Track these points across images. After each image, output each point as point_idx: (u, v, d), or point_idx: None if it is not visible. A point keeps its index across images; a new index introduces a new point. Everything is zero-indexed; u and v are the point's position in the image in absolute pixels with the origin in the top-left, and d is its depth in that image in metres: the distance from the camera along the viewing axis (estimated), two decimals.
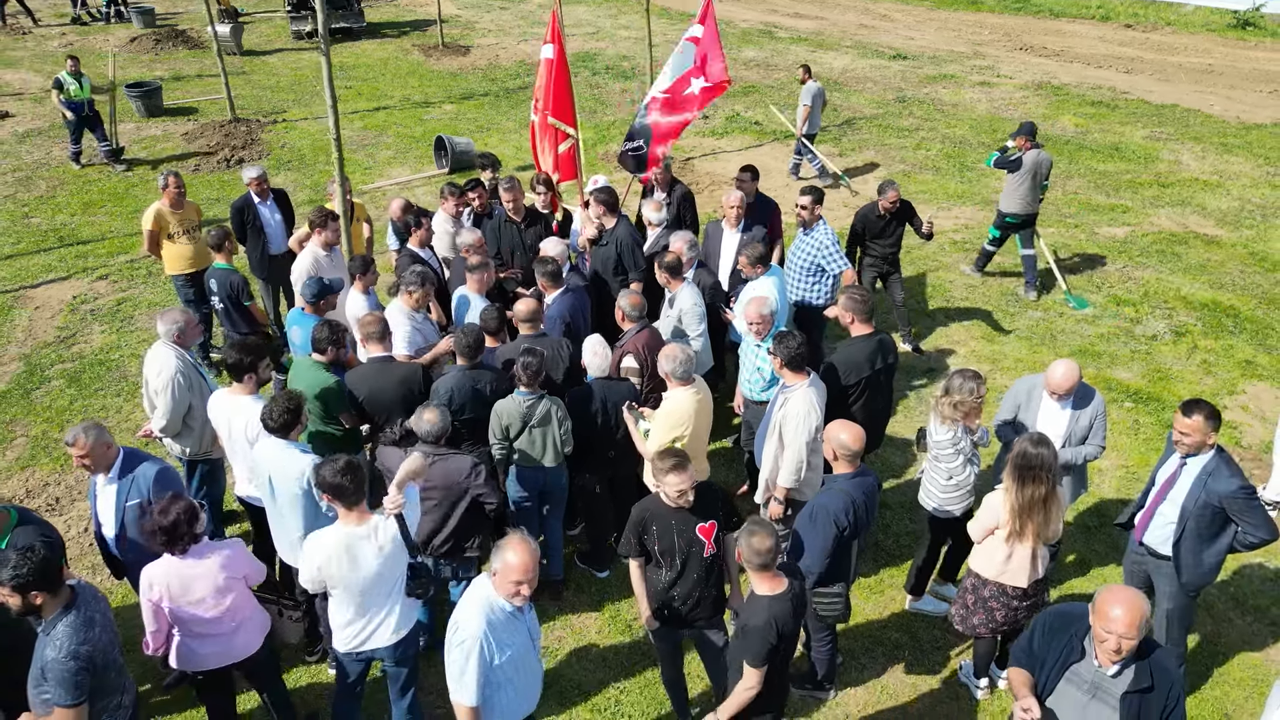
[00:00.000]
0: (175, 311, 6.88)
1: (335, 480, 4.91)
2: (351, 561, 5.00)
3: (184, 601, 5.01)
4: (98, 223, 13.42)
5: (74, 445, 5.42)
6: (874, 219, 9.76)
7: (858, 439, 5.45)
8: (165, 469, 5.68)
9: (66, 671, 4.35)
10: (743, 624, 4.74)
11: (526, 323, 6.81)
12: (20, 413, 9.13)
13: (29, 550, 4.36)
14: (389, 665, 5.41)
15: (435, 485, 5.80)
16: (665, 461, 5.09)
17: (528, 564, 4.29)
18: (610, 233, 8.36)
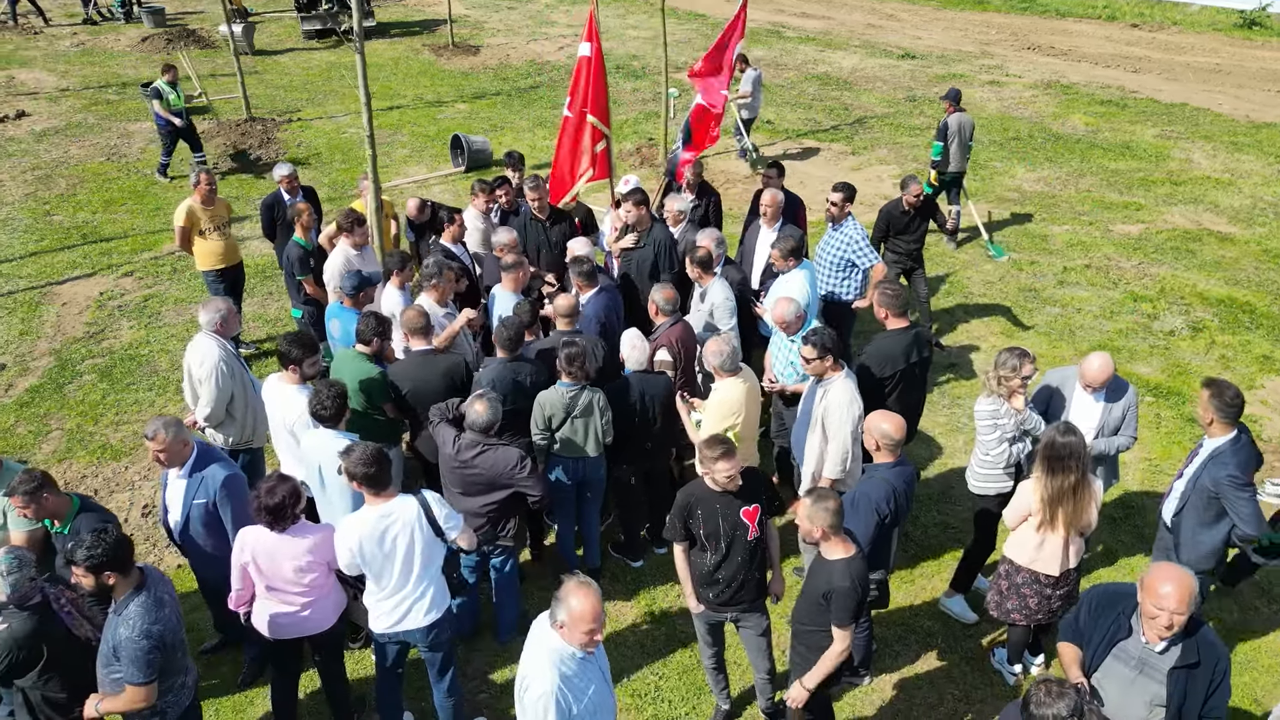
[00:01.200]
0: (217, 301, 6.99)
1: (361, 469, 5.05)
2: (382, 543, 5.14)
3: (271, 572, 5.18)
4: (119, 220, 13.52)
5: (153, 439, 5.53)
6: (899, 215, 9.86)
7: (900, 428, 5.56)
8: (234, 475, 5.77)
9: (139, 650, 4.47)
10: (823, 591, 4.85)
11: (565, 318, 6.92)
12: (54, 406, 9.24)
13: (102, 532, 4.48)
14: (423, 649, 5.53)
15: (481, 475, 5.90)
16: (714, 449, 5.20)
17: (596, 609, 4.08)
18: (648, 234, 8.45)
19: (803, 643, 5.14)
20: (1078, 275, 11.91)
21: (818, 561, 5.00)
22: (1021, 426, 6.29)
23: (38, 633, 4.75)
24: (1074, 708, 3.65)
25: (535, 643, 4.31)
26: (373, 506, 5.20)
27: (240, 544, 5.24)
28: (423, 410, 6.72)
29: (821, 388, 6.28)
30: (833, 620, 4.85)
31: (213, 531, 5.78)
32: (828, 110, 19.21)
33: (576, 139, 9.30)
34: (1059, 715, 3.66)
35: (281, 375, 6.43)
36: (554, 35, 25.80)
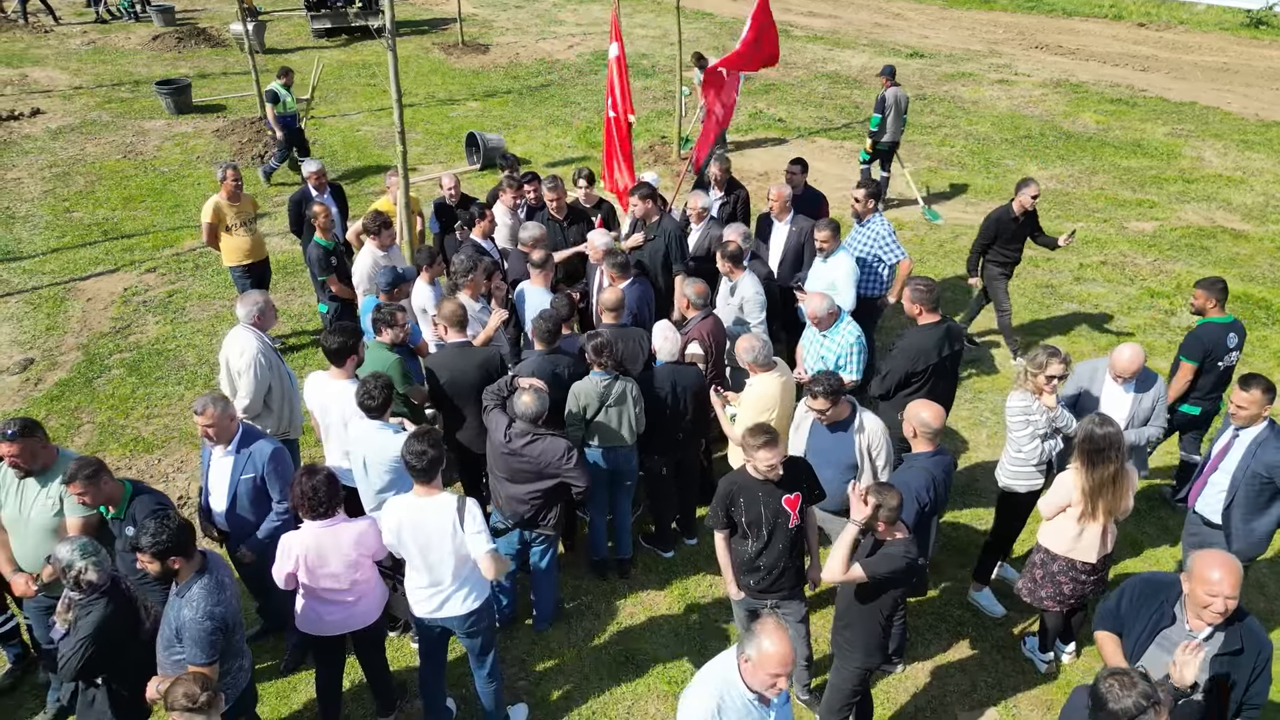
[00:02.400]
0: (255, 294, 7.07)
1: (410, 458, 5.16)
2: (421, 531, 5.23)
3: (320, 572, 5.23)
4: (139, 217, 13.60)
5: (201, 414, 5.64)
6: (1009, 221, 9.43)
7: (938, 417, 5.66)
8: (279, 449, 5.89)
9: (203, 631, 4.56)
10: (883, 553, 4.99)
11: (611, 312, 6.99)
12: (84, 400, 9.32)
13: (166, 518, 4.56)
14: (462, 636, 5.61)
15: (529, 464, 5.98)
16: (757, 438, 5.28)
17: (787, 655, 3.87)
18: (658, 226, 8.55)
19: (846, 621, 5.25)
20: (1094, 272, 12.00)
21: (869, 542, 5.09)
22: (1054, 424, 6.35)
23: (117, 617, 4.84)
24: (1149, 694, 3.69)
25: (718, 662, 4.22)
26: (415, 496, 5.29)
27: (285, 549, 5.29)
28: (459, 401, 6.81)
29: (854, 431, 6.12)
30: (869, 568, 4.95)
31: (258, 510, 5.88)
32: (838, 108, 19.30)
33: (624, 137, 9.42)
34: (1138, 705, 3.68)
35: (331, 372, 6.48)
36: (563, 34, 25.89)
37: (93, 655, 4.74)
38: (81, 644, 4.72)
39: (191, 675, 4.03)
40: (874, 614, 5.07)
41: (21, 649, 6.42)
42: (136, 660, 4.92)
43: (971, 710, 6.17)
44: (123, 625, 4.86)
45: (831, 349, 7.09)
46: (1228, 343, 7.37)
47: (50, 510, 5.47)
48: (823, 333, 7.13)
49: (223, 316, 10.90)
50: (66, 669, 4.76)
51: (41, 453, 5.46)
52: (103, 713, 5.02)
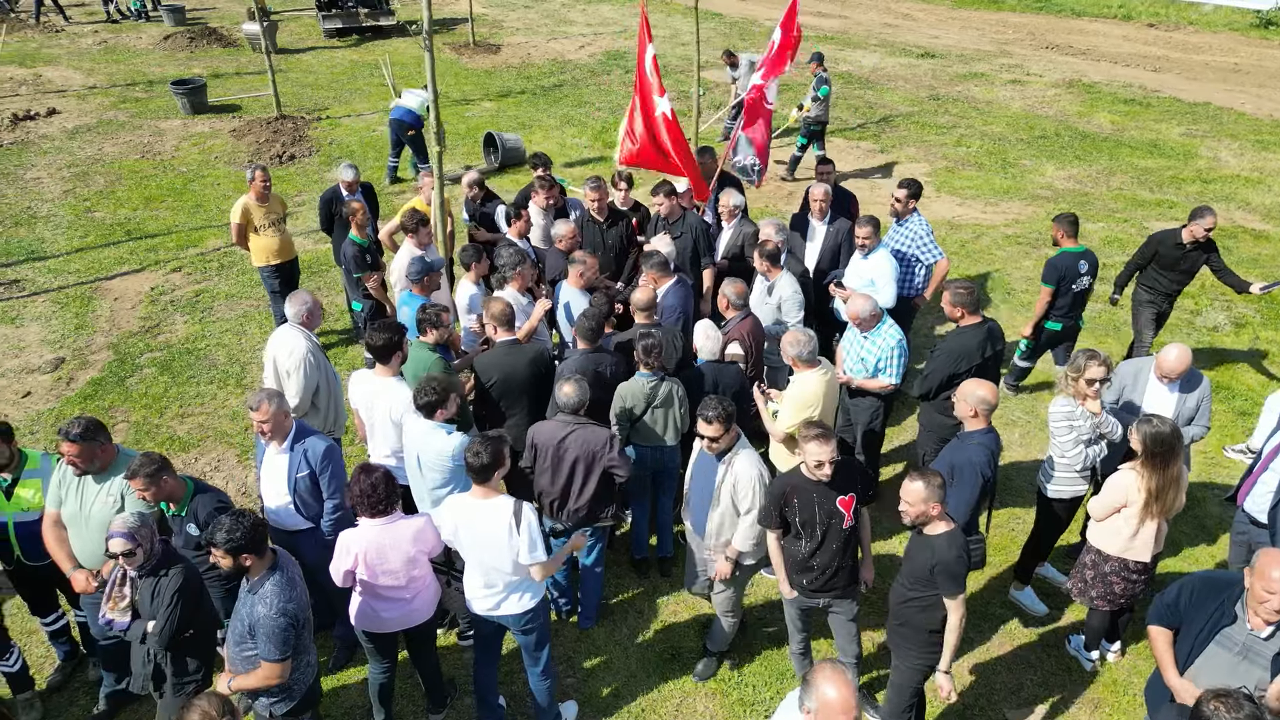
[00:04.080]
0: (303, 294, 7.10)
1: (470, 458, 5.21)
2: (477, 532, 5.27)
3: (379, 570, 5.26)
4: (161, 217, 13.62)
5: (256, 410, 5.67)
6: (1172, 246, 8.80)
7: (995, 393, 5.87)
8: (332, 446, 5.92)
9: (276, 628, 4.59)
10: (931, 565, 4.99)
11: (643, 311, 7.02)
12: (118, 399, 9.34)
13: (241, 516, 4.59)
14: (517, 634, 5.65)
15: (573, 453, 6.02)
16: (811, 430, 5.32)
17: (849, 701, 3.68)
18: (682, 223, 8.58)
19: (901, 620, 5.29)
20: (1116, 272, 11.95)
21: (918, 540, 5.15)
22: (1098, 429, 6.35)
23: (191, 580, 4.96)
24: (1257, 716, 3.67)
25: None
26: (473, 497, 5.33)
27: (344, 547, 5.31)
28: (508, 400, 6.83)
29: (724, 463, 5.81)
30: (944, 592, 5.01)
31: (312, 507, 5.92)
32: (852, 109, 19.33)
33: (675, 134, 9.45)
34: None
35: (376, 369, 6.51)
36: (573, 34, 25.92)
37: (180, 618, 4.85)
38: (169, 611, 4.83)
39: (209, 694, 4.04)
40: (933, 610, 5.10)
41: (71, 646, 6.45)
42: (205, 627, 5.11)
43: (1020, 708, 6.20)
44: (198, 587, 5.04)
45: (872, 351, 7.11)
46: (1079, 269, 8.40)
47: (111, 508, 5.49)
48: (864, 334, 7.15)
49: (250, 316, 10.92)
50: (161, 638, 4.86)
51: (101, 453, 5.49)
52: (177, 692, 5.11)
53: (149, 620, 5.00)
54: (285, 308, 7.04)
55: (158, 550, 4.94)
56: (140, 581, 4.99)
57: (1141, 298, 9.14)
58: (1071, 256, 8.42)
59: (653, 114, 10.15)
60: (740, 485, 5.72)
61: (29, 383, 9.62)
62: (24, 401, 9.32)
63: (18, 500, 5.62)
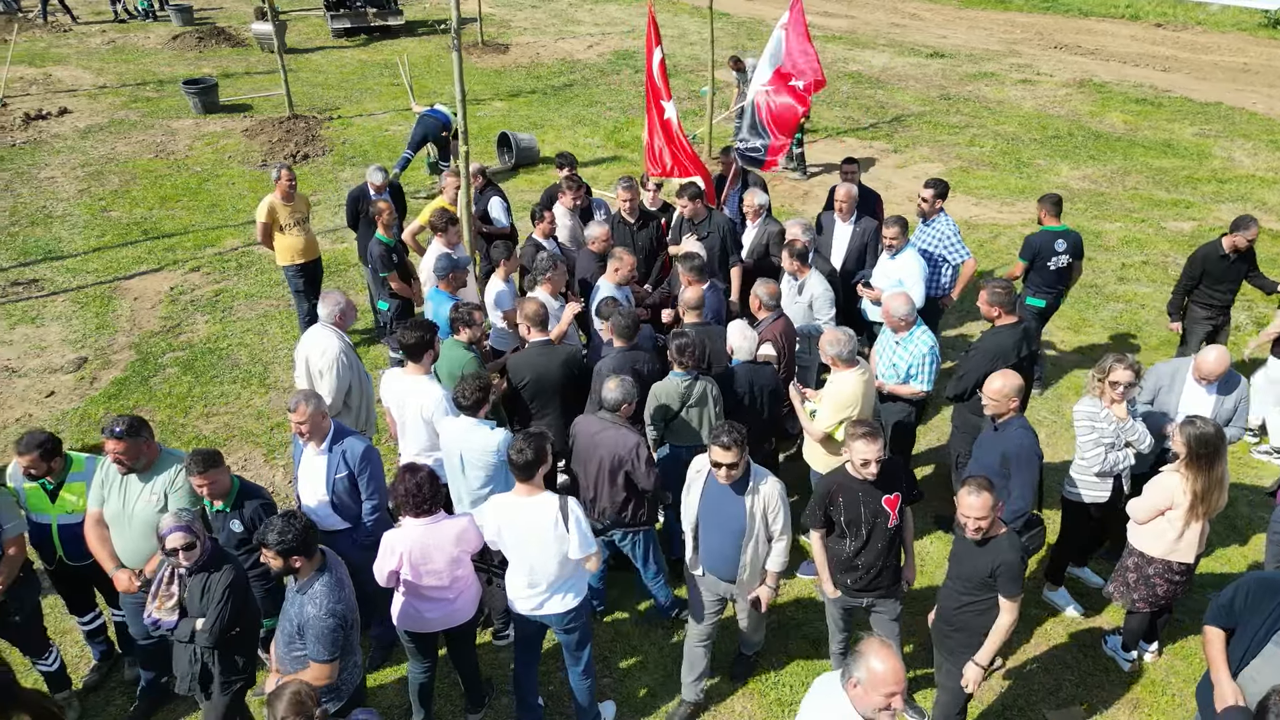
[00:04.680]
0: (336, 294, 7.10)
1: (513, 455, 5.21)
2: (522, 530, 5.27)
3: (423, 570, 5.25)
4: (177, 216, 13.60)
5: (295, 411, 5.68)
6: (1217, 259, 8.62)
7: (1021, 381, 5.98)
8: (371, 447, 5.93)
9: (326, 628, 4.59)
10: (992, 567, 4.97)
11: (694, 310, 6.98)
12: (142, 399, 9.33)
13: (292, 518, 4.59)
14: (559, 633, 5.65)
15: (602, 451, 6.01)
16: (859, 428, 5.31)
17: (899, 672, 3.75)
18: (709, 223, 8.57)
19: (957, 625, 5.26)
20: (1137, 272, 12.03)
21: (971, 544, 5.11)
22: (1124, 436, 6.30)
23: (240, 577, 4.98)
24: None
25: (821, 700, 4.06)
26: (517, 495, 5.33)
27: (388, 547, 5.30)
28: (540, 400, 6.82)
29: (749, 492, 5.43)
30: (1004, 593, 4.99)
31: (350, 508, 5.92)
32: (864, 109, 19.33)
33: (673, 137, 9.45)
34: None
35: (408, 368, 6.50)
36: (581, 34, 25.92)
37: (231, 615, 4.87)
38: (220, 607, 4.84)
39: (300, 683, 4.04)
40: (990, 614, 5.08)
41: (107, 646, 6.44)
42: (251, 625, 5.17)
43: (1059, 708, 6.20)
44: (246, 584, 5.06)
45: (904, 357, 7.04)
46: (1055, 247, 8.60)
47: (154, 506, 5.49)
48: (897, 339, 7.11)
49: (271, 316, 10.91)
50: (212, 634, 4.87)
51: (145, 451, 5.48)
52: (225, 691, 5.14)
53: (197, 618, 4.99)
54: (318, 307, 7.05)
55: (208, 547, 4.94)
56: (189, 579, 4.98)
57: (1197, 315, 8.87)
58: (1049, 235, 8.66)
59: (662, 117, 10.17)
60: (771, 508, 5.45)
61: (52, 382, 9.61)
62: (48, 401, 9.31)
63: (62, 503, 5.62)
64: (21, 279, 11.70)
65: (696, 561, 5.78)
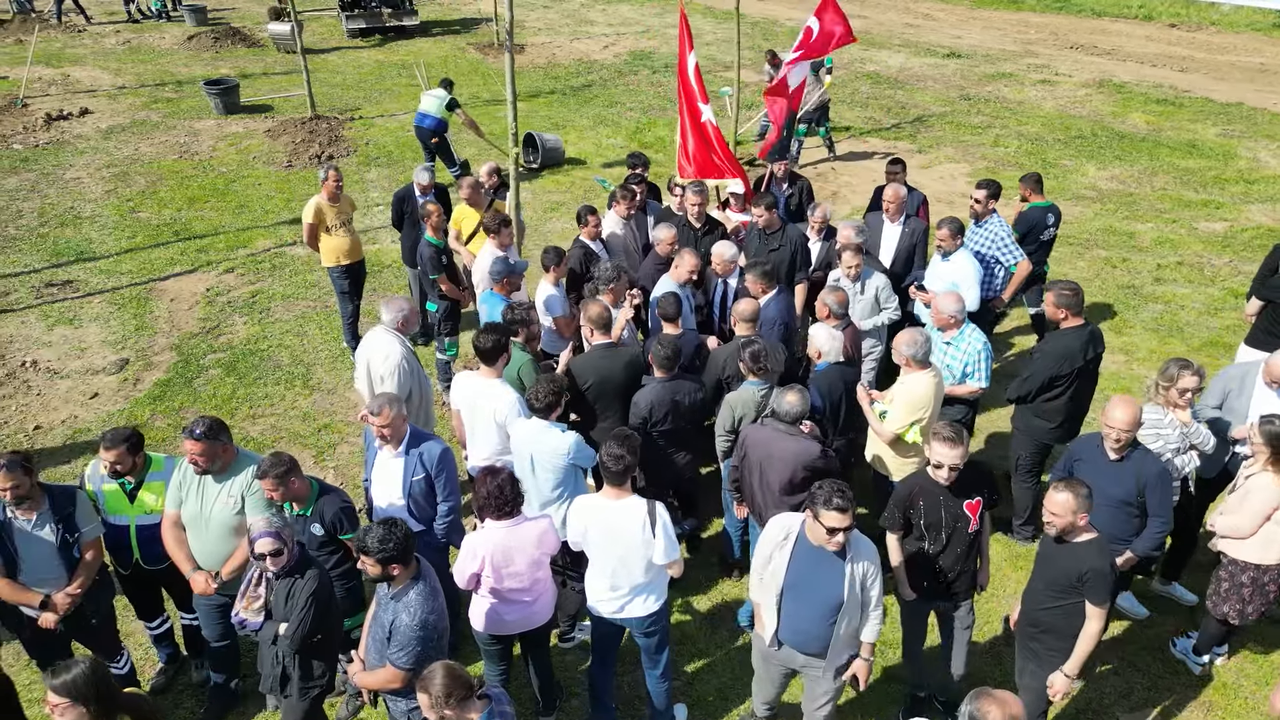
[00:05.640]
0: (400, 300, 7.08)
1: (608, 460, 5.19)
2: (609, 532, 5.26)
3: (505, 572, 5.23)
4: (207, 217, 13.57)
5: (378, 415, 5.67)
6: None
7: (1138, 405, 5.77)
8: (448, 449, 5.91)
9: (415, 638, 4.58)
10: (1079, 573, 4.93)
11: (747, 323, 6.88)
12: (187, 400, 9.30)
13: (393, 525, 4.56)
14: (639, 636, 5.62)
15: (780, 461, 5.94)
16: (942, 431, 5.28)
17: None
18: (782, 235, 8.51)
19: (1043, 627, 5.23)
20: (1173, 272, 12.02)
21: (1058, 548, 5.08)
22: (1188, 439, 6.25)
23: (325, 584, 4.98)
24: None
25: None
26: (606, 497, 5.31)
27: (470, 550, 5.28)
28: (603, 402, 6.79)
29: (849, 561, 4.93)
30: (1091, 600, 4.96)
31: (425, 511, 5.90)
32: (884, 109, 19.32)
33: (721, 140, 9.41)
34: None
35: (481, 371, 6.47)
36: (595, 34, 25.90)
37: (313, 622, 4.85)
38: (303, 614, 4.82)
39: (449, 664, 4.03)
40: (1076, 617, 5.06)
41: (173, 649, 6.42)
42: (332, 632, 5.16)
43: (1132, 711, 6.18)
44: (330, 592, 5.05)
45: (957, 357, 7.01)
46: (1046, 220, 9.27)
47: (231, 509, 5.47)
48: (946, 339, 7.06)
49: (309, 317, 10.89)
50: (294, 641, 4.85)
51: (222, 453, 5.46)
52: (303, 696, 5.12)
53: (281, 622, 4.98)
54: (381, 311, 7.03)
55: (295, 553, 4.92)
56: (276, 583, 4.97)
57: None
58: (1040, 210, 9.30)
59: (699, 120, 10.15)
60: (870, 575, 4.98)
61: (95, 384, 9.58)
62: (92, 403, 9.28)
63: (141, 503, 5.60)
64: (56, 280, 11.67)
65: (774, 636, 5.21)
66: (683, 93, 10.24)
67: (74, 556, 5.39)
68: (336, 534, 5.57)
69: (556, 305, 7.97)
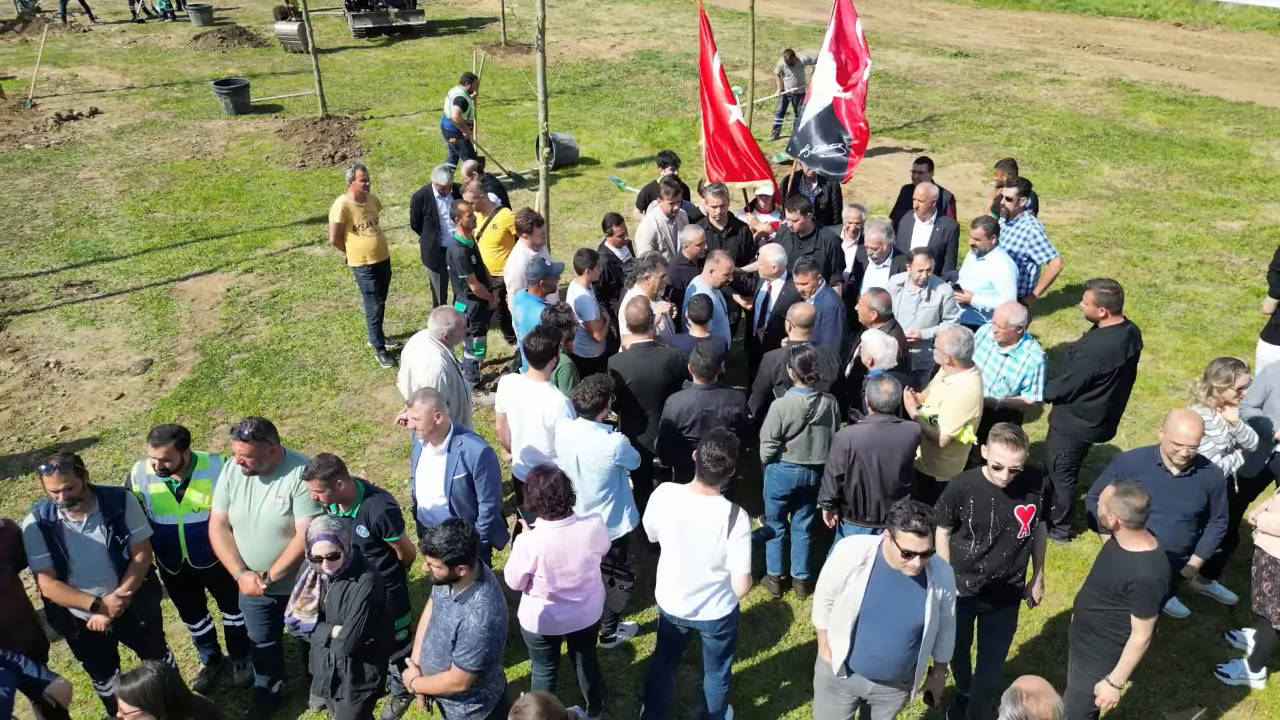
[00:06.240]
0: (448, 312, 7.06)
1: (706, 463, 5.15)
2: (690, 527, 5.23)
3: (557, 572, 5.21)
4: (223, 218, 13.53)
5: (411, 409, 5.71)
6: None
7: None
8: (489, 449, 5.89)
9: (482, 639, 4.56)
10: (1125, 581, 4.90)
11: (802, 328, 6.82)
12: (214, 401, 9.26)
13: (459, 526, 4.53)
14: (708, 638, 5.59)
15: (891, 449, 5.99)
16: (1004, 433, 5.25)
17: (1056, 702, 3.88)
18: (816, 239, 8.48)
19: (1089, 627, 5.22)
20: (1193, 271, 12.03)
21: (1114, 551, 5.07)
22: (1234, 439, 6.24)
23: (379, 587, 4.95)
24: None
25: None
26: (694, 490, 5.28)
27: (523, 551, 5.26)
28: (643, 401, 6.76)
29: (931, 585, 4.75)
30: (1136, 612, 4.91)
31: (466, 509, 5.88)
32: (895, 108, 19.32)
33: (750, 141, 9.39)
34: None
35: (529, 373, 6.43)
36: (602, 34, 25.87)
37: (367, 626, 4.83)
38: (357, 618, 4.80)
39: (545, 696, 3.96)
40: (1123, 624, 5.03)
41: (215, 650, 6.40)
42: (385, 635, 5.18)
43: (1178, 711, 6.17)
44: (383, 595, 5.02)
45: (1015, 370, 6.91)
46: None
47: (280, 509, 5.44)
48: (1005, 351, 6.96)
49: (331, 317, 10.85)
50: (347, 644, 4.83)
51: (270, 454, 5.43)
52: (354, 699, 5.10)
53: (334, 625, 4.95)
54: (430, 321, 6.99)
55: (351, 556, 4.89)
56: (330, 585, 4.94)
57: None
58: None
59: (725, 122, 10.08)
60: (949, 599, 4.82)
61: (120, 385, 9.54)
62: (119, 404, 9.24)
63: (188, 502, 5.57)
64: (74, 280, 11.62)
65: (843, 664, 4.98)
66: (707, 95, 10.16)
67: (124, 558, 5.36)
68: (382, 536, 5.54)
69: (589, 308, 7.92)
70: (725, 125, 9.89)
